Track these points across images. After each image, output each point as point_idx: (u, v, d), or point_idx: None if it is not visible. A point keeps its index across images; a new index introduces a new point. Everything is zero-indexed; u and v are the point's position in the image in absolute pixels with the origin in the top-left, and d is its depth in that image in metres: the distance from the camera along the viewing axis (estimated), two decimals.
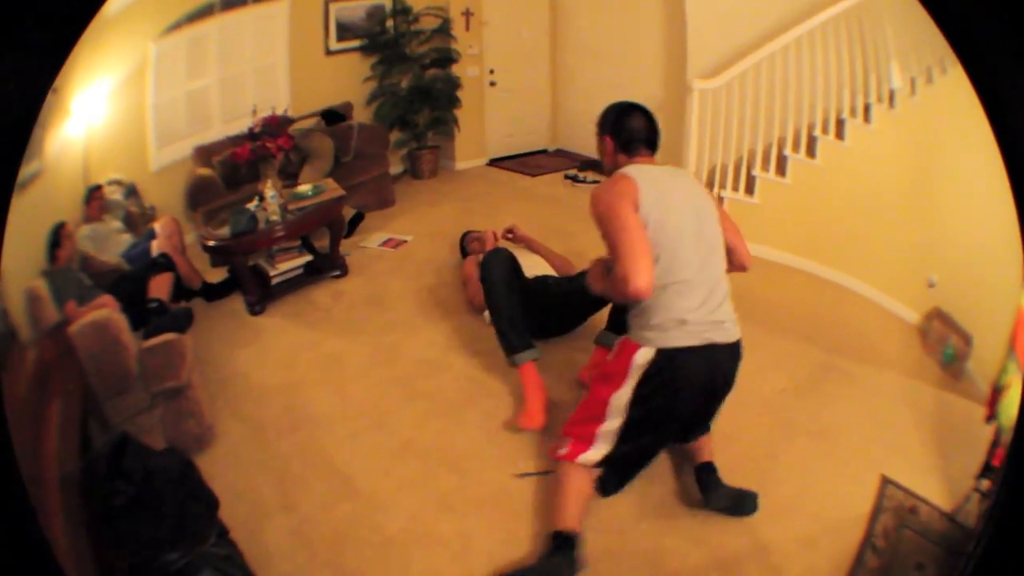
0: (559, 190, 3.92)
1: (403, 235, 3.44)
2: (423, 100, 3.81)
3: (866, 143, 2.98)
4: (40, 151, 1.64)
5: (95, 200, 2.32)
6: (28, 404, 1.48)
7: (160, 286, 2.47)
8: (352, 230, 3.37)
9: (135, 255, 2.49)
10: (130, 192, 2.54)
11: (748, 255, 1.98)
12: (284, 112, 3.08)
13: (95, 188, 2.32)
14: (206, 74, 2.97)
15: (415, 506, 1.96)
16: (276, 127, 2.97)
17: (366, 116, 3.69)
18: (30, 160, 1.29)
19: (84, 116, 2.10)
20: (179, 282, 2.59)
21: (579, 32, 4.08)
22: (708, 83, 3.28)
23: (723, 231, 1.91)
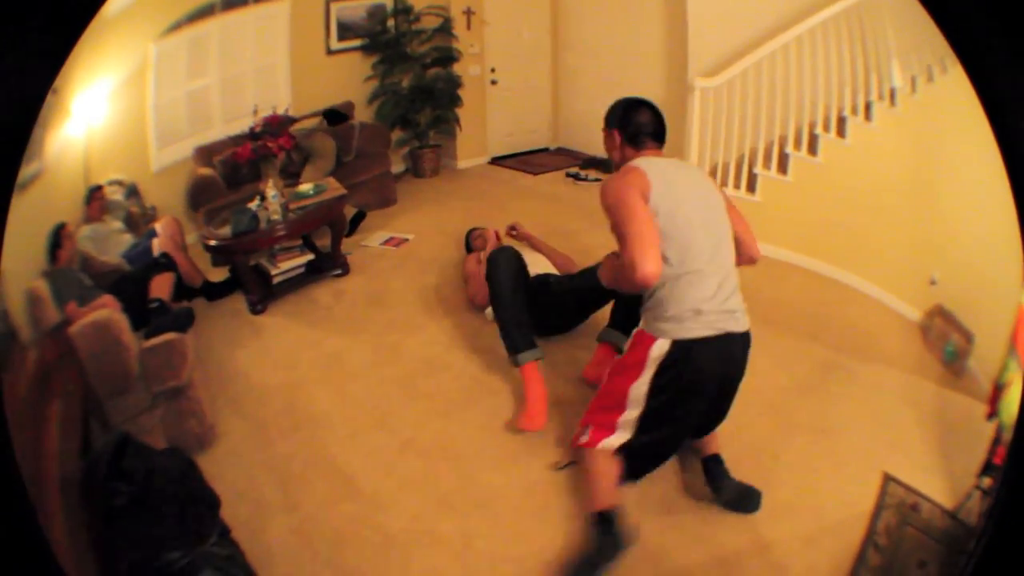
0: (561, 188, 3.92)
1: (405, 234, 3.44)
2: (424, 99, 3.81)
3: (867, 141, 2.97)
4: (40, 151, 1.64)
5: (96, 200, 2.32)
6: (28, 404, 1.48)
7: (161, 286, 2.47)
8: (353, 229, 3.38)
9: (136, 255, 2.49)
10: (131, 192, 2.54)
11: (756, 247, 1.99)
12: (285, 112, 3.08)
13: (96, 188, 2.32)
14: (207, 74, 2.97)
15: (416, 505, 1.96)
16: (277, 127, 2.97)
17: (367, 115, 3.69)
18: (30, 160, 1.29)
19: (84, 116, 2.09)
20: (180, 281, 2.59)
21: (580, 31, 4.08)
22: (709, 81, 3.28)
23: (731, 223, 1.91)
